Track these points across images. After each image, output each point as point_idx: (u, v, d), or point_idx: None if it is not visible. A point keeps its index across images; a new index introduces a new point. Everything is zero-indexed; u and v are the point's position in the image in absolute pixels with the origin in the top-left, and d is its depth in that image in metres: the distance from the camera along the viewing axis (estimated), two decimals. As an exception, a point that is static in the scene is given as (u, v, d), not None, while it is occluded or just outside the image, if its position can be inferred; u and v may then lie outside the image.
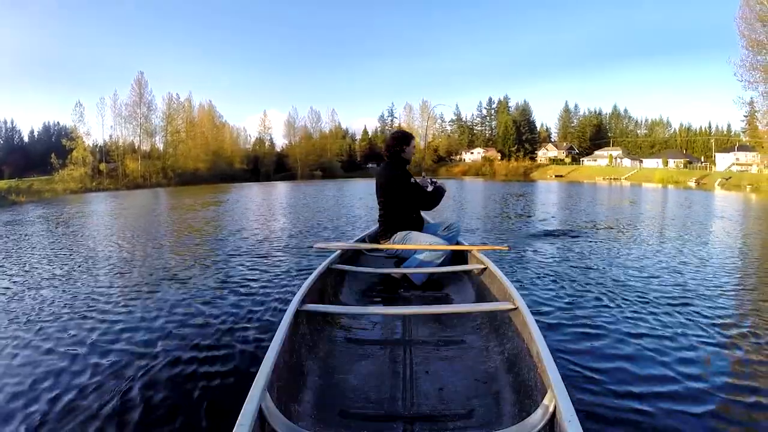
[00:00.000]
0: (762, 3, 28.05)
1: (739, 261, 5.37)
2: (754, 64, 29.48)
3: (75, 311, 3.34)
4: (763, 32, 28.59)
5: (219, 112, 69.23)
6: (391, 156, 3.55)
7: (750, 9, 28.91)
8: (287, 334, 1.71)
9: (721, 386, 2.07)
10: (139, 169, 51.49)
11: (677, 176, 47.74)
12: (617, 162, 68.78)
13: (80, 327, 2.96)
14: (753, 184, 32.99)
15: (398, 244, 3.38)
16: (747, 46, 29.46)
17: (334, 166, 74.18)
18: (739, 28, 29.79)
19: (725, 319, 3.02)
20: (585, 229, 8.00)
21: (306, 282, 2.39)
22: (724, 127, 75.13)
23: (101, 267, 5.04)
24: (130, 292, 3.82)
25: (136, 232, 8.56)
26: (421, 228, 3.60)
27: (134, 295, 3.72)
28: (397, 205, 3.48)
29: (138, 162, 52.08)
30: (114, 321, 3.07)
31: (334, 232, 7.83)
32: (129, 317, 3.15)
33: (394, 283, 3.18)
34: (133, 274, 4.59)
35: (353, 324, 2.44)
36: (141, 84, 54.62)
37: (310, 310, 2.11)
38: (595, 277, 4.14)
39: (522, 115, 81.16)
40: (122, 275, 4.58)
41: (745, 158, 50.82)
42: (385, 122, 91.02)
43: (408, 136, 3.62)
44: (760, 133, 31.68)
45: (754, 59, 29.44)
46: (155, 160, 54.28)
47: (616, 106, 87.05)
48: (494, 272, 2.65)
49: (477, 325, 2.36)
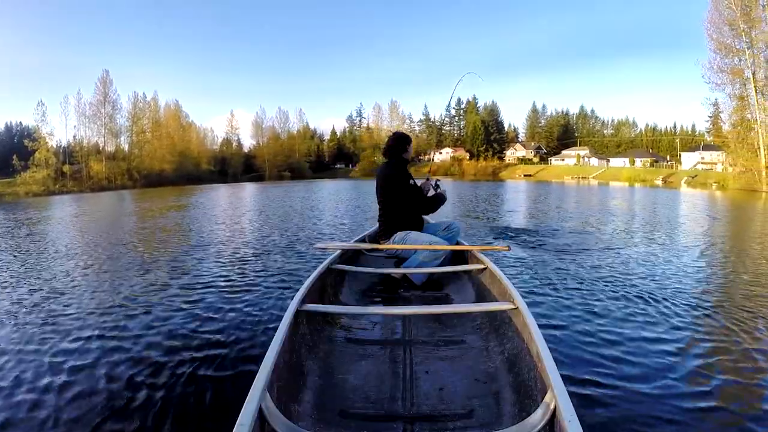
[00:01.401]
0: (730, 8, 28.60)
1: (739, 260, 5.26)
2: (721, 67, 30.23)
3: (76, 309, 3.38)
4: (730, 36, 29.33)
5: (185, 112, 68.03)
6: (392, 156, 3.54)
7: (719, 13, 29.63)
8: (287, 334, 1.72)
9: (721, 386, 2.07)
10: (104, 171, 49.76)
11: (644, 175, 48.51)
12: (585, 161, 69.87)
13: (79, 327, 2.95)
14: (719, 181, 33.75)
15: (398, 244, 3.36)
16: (715, 49, 30.25)
17: (302, 167, 73.70)
18: (708, 31, 30.57)
19: (729, 320, 2.96)
20: (580, 229, 7.87)
21: (306, 282, 2.39)
22: (688, 127, 78.24)
23: (98, 268, 5.00)
24: (125, 294, 3.77)
25: (100, 237, 7.93)
26: (421, 228, 3.60)
27: (128, 299, 3.65)
28: (397, 205, 3.48)
29: (103, 163, 50.34)
30: (113, 321, 3.06)
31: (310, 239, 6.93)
32: (129, 317, 3.13)
33: (394, 283, 3.16)
34: (120, 279, 4.39)
35: (353, 324, 2.44)
36: (106, 83, 52.81)
37: (310, 310, 2.10)
38: (595, 277, 4.11)
39: (490, 115, 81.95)
40: (110, 278, 4.47)
41: (709, 157, 52.27)
42: (353, 122, 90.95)
43: (408, 137, 3.62)
44: (726, 133, 32.14)
45: (721, 62, 30.22)
46: (120, 161, 52.47)
47: (583, 106, 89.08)
48: (494, 272, 2.63)
49: (477, 325, 2.36)
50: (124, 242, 6.94)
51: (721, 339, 2.63)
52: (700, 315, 3.04)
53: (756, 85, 28.15)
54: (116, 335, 2.78)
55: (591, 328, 2.76)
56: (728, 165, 34.67)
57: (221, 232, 7.85)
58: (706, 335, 2.69)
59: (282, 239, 6.72)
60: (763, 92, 28.19)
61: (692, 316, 3.02)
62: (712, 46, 30.33)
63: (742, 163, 29.43)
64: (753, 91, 28.35)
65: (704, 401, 1.92)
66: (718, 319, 2.95)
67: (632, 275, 4.16)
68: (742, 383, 2.10)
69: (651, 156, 66.72)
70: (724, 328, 2.80)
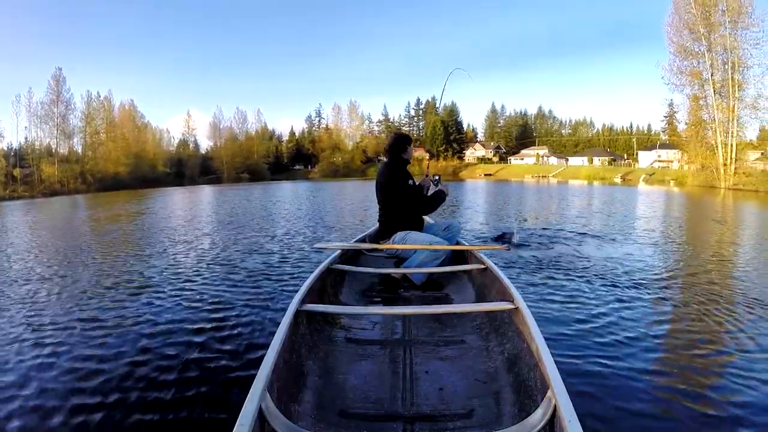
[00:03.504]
0: (690, 12, 29.59)
1: (741, 259, 5.42)
2: (681, 69, 31.29)
3: (80, 304, 3.53)
4: (690, 39, 30.38)
5: (141, 112, 64.80)
6: (392, 156, 3.51)
7: (679, 17, 30.68)
8: (287, 334, 1.72)
9: (722, 385, 2.07)
10: (57, 175, 46.74)
11: (603, 173, 50.09)
12: (544, 161, 71.54)
13: (79, 327, 2.97)
14: (676, 179, 35.41)
15: (398, 244, 3.34)
16: (675, 51, 31.28)
17: (261, 168, 71.78)
18: (668, 34, 31.65)
19: (740, 321, 2.92)
20: (576, 229, 7.74)
21: (306, 282, 2.39)
22: (644, 126, 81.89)
23: (95, 268, 4.91)
24: (118, 297, 3.73)
25: (57, 245, 7.46)
26: (420, 228, 3.58)
27: (123, 300, 3.62)
28: (397, 205, 3.45)
29: (55, 166, 47.32)
30: (113, 322, 3.07)
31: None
32: (129, 317, 3.14)
33: (394, 283, 3.14)
34: (104, 285, 4.13)
35: (353, 324, 2.44)
36: (59, 81, 49.28)
37: (310, 310, 2.10)
38: (595, 277, 4.08)
39: (450, 115, 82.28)
40: (94, 280, 4.33)
41: (666, 155, 54.94)
42: (312, 123, 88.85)
43: (407, 137, 3.59)
44: (684, 132, 33.29)
45: (681, 64, 31.27)
46: (73, 164, 49.50)
47: (542, 107, 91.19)
48: (494, 272, 2.64)
49: (477, 325, 2.36)
50: (80, 252, 6.43)
51: (727, 341, 2.60)
52: (702, 315, 3.03)
53: (714, 86, 29.28)
54: (116, 335, 2.79)
55: (592, 328, 2.76)
56: (684, 163, 36.19)
57: (201, 238, 7.31)
58: (708, 335, 2.69)
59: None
60: (720, 93, 29.35)
61: (694, 316, 3.02)
62: (672, 48, 31.41)
63: (701, 161, 30.57)
64: (711, 92, 29.47)
65: (705, 400, 1.92)
66: (725, 322, 2.89)
67: (632, 275, 4.19)
68: (752, 386, 2.04)
69: (609, 155, 69.35)
70: (731, 329, 2.76)
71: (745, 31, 27.94)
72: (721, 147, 28.99)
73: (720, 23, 28.41)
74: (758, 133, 30.38)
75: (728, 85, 28.62)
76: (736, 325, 2.81)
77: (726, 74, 28.73)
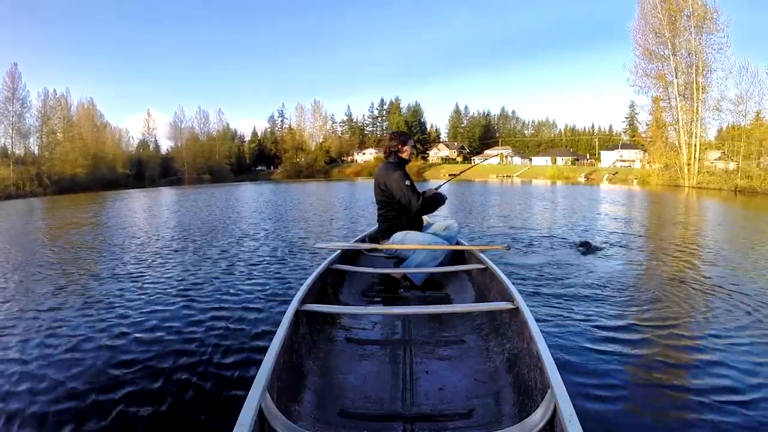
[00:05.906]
0: (656, 17, 30.72)
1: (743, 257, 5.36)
2: (646, 71, 32.48)
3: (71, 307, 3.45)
4: (655, 43, 31.56)
5: (100, 111, 62.28)
6: (391, 156, 3.51)
7: (646, 21, 31.78)
8: (287, 334, 1.71)
9: (722, 385, 2.05)
10: (12, 177, 43.91)
11: (567, 173, 51.37)
12: (508, 160, 72.59)
13: (78, 326, 2.98)
14: (639, 178, 36.62)
15: (398, 244, 3.34)
16: (641, 54, 32.44)
17: (223, 170, 69.24)
18: (635, 38, 32.73)
19: (743, 320, 2.91)
20: (571, 229, 7.86)
21: (306, 282, 2.38)
22: (606, 127, 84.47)
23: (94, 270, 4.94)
24: (118, 300, 3.66)
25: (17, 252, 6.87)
26: (420, 228, 3.57)
27: (119, 303, 3.58)
28: (396, 205, 3.43)
29: (10, 168, 44.42)
30: (112, 321, 3.06)
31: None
32: (128, 318, 3.14)
33: (394, 283, 3.15)
34: (99, 286, 4.11)
35: (353, 324, 2.43)
36: (14, 77, 46.31)
37: (310, 310, 2.09)
38: (595, 277, 4.07)
39: (414, 115, 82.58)
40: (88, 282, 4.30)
41: (628, 155, 57.20)
42: (275, 123, 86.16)
43: (406, 137, 3.58)
44: (650, 132, 34.34)
45: (646, 66, 32.46)
46: (29, 165, 46.68)
47: (504, 107, 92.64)
48: (494, 272, 2.63)
49: (477, 325, 2.36)
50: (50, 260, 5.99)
51: (728, 341, 2.58)
52: (703, 315, 3.01)
53: (678, 89, 30.58)
54: (115, 335, 2.78)
55: (592, 328, 2.74)
56: (647, 162, 37.50)
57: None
58: (708, 335, 2.66)
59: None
60: (684, 95, 30.66)
61: (695, 316, 3.01)
62: (638, 51, 32.55)
63: (665, 160, 31.74)
64: (675, 94, 30.76)
65: (705, 400, 1.91)
66: (725, 322, 2.87)
67: (631, 274, 4.20)
68: (752, 385, 2.04)
69: (571, 155, 71.35)
70: (734, 329, 2.74)
71: (709, 36, 29.28)
72: (685, 147, 30.26)
73: (685, 28, 29.65)
74: (716, 134, 31.93)
75: (692, 88, 29.93)
76: (736, 326, 2.81)
77: (690, 77, 30.05)
